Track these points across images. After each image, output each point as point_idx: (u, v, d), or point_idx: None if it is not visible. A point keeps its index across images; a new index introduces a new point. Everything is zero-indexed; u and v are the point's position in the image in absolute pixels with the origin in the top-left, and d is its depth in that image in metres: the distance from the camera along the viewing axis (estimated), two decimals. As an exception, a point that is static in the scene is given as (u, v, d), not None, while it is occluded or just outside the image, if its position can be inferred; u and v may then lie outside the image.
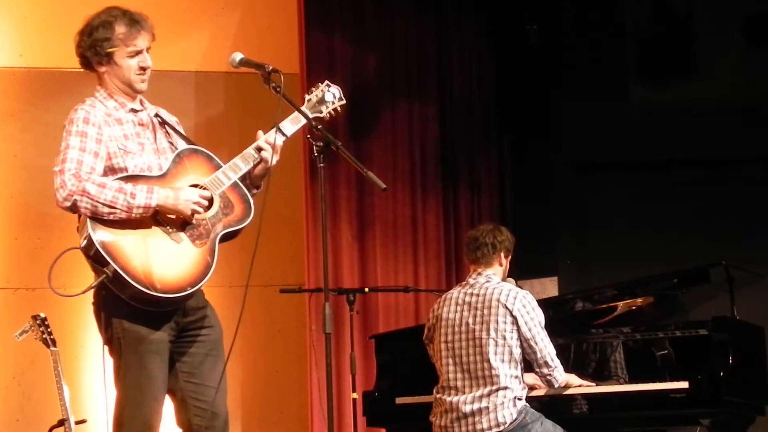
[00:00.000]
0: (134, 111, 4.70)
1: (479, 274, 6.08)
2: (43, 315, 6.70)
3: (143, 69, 4.67)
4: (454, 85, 8.80)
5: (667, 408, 6.20)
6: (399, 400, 6.78)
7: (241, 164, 4.69)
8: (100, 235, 4.43)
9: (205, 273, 4.54)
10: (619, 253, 8.44)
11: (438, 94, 8.75)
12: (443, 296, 6.16)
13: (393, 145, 8.58)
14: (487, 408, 5.82)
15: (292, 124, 4.82)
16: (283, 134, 4.77)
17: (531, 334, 5.90)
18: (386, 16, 8.60)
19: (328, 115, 4.97)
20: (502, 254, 6.13)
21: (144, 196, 4.46)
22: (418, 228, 8.56)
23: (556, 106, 8.85)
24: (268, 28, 8.27)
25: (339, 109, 5.00)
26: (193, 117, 8.06)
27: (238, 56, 4.79)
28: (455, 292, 6.11)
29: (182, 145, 4.77)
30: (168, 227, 4.53)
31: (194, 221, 4.55)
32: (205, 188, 4.60)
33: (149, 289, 4.41)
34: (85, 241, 4.44)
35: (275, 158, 4.72)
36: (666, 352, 6.38)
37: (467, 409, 5.86)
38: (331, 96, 4.98)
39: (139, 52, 4.65)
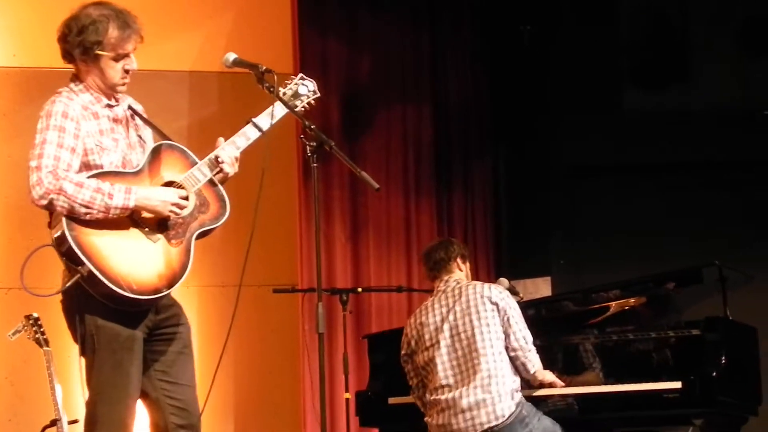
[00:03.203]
0: (109, 106, 4.61)
1: (446, 281, 6.23)
2: (36, 315, 6.69)
3: (126, 72, 4.60)
4: (448, 86, 8.80)
5: (659, 408, 6.20)
6: (392, 400, 6.78)
7: (213, 162, 4.64)
8: (76, 234, 4.35)
9: (182, 273, 4.48)
10: (611, 253, 8.44)
11: (432, 95, 8.75)
12: (418, 309, 6.27)
13: (387, 145, 8.59)
14: (485, 401, 5.83)
15: (269, 117, 4.75)
16: (260, 129, 4.72)
17: (508, 315, 6.01)
18: (380, 17, 8.61)
19: (303, 108, 4.92)
20: (459, 260, 6.29)
21: (122, 197, 4.39)
22: (412, 228, 8.57)
23: (550, 108, 8.85)
24: (262, 28, 8.27)
25: (313, 102, 4.96)
26: (187, 117, 8.07)
27: (231, 56, 4.78)
28: (429, 302, 6.23)
29: (148, 137, 4.71)
30: (144, 227, 4.47)
31: (171, 220, 4.50)
32: (181, 186, 4.55)
33: (125, 291, 4.35)
34: (58, 235, 4.36)
35: (233, 170, 4.66)
36: (659, 352, 6.39)
37: (464, 403, 5.87)
38: (305, 89, 4.94)
39: (126, 56, 4.58)
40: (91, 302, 4.41)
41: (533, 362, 6.02)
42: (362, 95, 8.50)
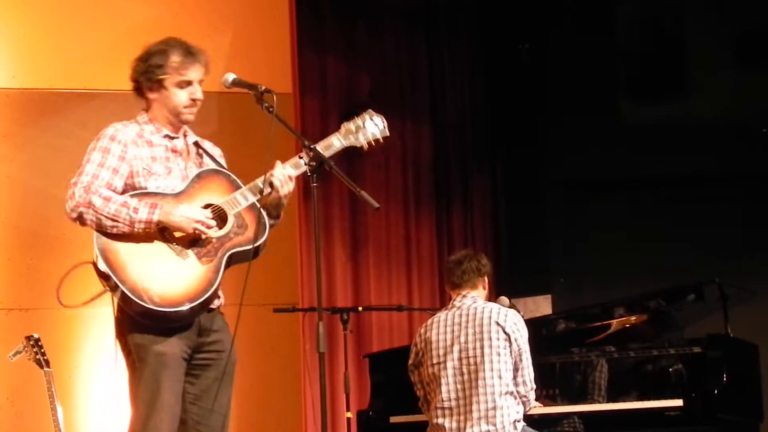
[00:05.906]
0: (169, 137, 4.70)
1: (464, 296, 6.07)
2: (36, 336, 6.69)
3: (193, 101, 4.69)
4: (446, 103, 8.81)
5: (661, 426, 6.20)
6: (393, 419, 6.78)
7: (258, 186, 4.66)
8: (103, 247, 4.47)
9: (206, 290, 4.51)
10: (612, 270, 8.44)
11: (430, 112, 8.76)
12: (429, 320, 6.12)
13: (386, 164, 8.59)
14: (488, 433, 5.77)
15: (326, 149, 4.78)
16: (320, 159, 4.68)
17: (520, 351, 5.89)
18: (378, 36, 8.62)
19: (366, 145, 4.89)
20: (486, 278, 6.14)
21: (147, 211, 4.47)
22: (412, 247, 8.56)
23: (548, 123, 8.86)
24: (261, 47, 8.28)
25: (381, 140, 4.92)
26: (186, 137, 8.05)
27: (230, 76, 4.79)
28: (442, 315, 6.07)
29: None
30: (174, 244, 4.53)
31: (203, 238, 4.55)
32: (218, 207, 4.60)
33: (146, 302, 4.41)
34: (94, 252, 4.48)
35: (286, 188, 4.69)
36: (660, 369, 6.38)
37: (469, 436, 5.79)
38: (373, 125, 4.91)
39: (189, 83, 4.67)
40: (133, 322, 4.51)
41: (532, 401, 5.96)
42: (361, 113, 8.50)
